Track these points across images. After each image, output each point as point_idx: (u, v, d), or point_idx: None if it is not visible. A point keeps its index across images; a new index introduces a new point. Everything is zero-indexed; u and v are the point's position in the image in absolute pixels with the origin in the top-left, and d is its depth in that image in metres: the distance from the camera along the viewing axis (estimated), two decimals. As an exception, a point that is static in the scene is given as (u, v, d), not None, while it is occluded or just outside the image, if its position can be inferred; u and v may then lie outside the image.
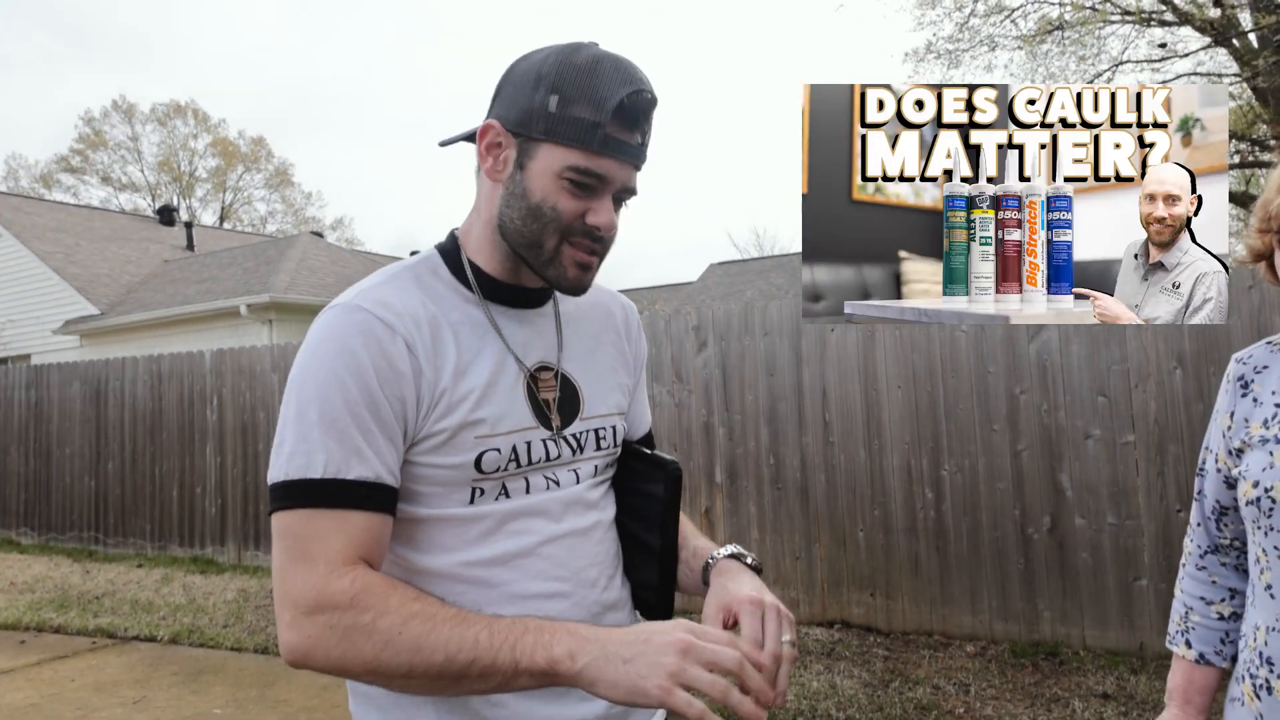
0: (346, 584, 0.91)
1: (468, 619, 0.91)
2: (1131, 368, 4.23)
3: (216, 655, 5.13)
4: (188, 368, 7.99)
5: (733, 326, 5.31)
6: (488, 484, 1.04)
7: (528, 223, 1.03)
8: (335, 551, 0.93)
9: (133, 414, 8.33)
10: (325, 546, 0.93)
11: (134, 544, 8.26)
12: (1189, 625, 1.39)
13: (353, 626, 0.90)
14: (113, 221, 22.09)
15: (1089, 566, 4.28)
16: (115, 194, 38.63)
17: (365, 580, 0.92)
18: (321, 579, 0.91)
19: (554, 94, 0.99)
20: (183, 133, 39.71)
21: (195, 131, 39.92)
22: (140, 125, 38.90)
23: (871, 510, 4.82)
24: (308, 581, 0.92)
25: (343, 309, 1.00)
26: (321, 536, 0.93)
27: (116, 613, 6.09)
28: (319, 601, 0.91)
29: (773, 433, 5.15)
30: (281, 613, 0.93)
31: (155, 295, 16.43)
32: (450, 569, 1.03)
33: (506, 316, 1.11)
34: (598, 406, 1.16)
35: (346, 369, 0.96)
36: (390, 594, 0.92)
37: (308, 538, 0.93)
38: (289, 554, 0.94)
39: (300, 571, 0.92)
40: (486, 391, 1.04)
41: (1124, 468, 4.22)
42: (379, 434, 0.97)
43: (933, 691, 3.91)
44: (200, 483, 7.83)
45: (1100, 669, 4.01)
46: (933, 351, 4.69)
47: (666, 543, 1.15)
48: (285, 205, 42.35)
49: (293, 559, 0.93)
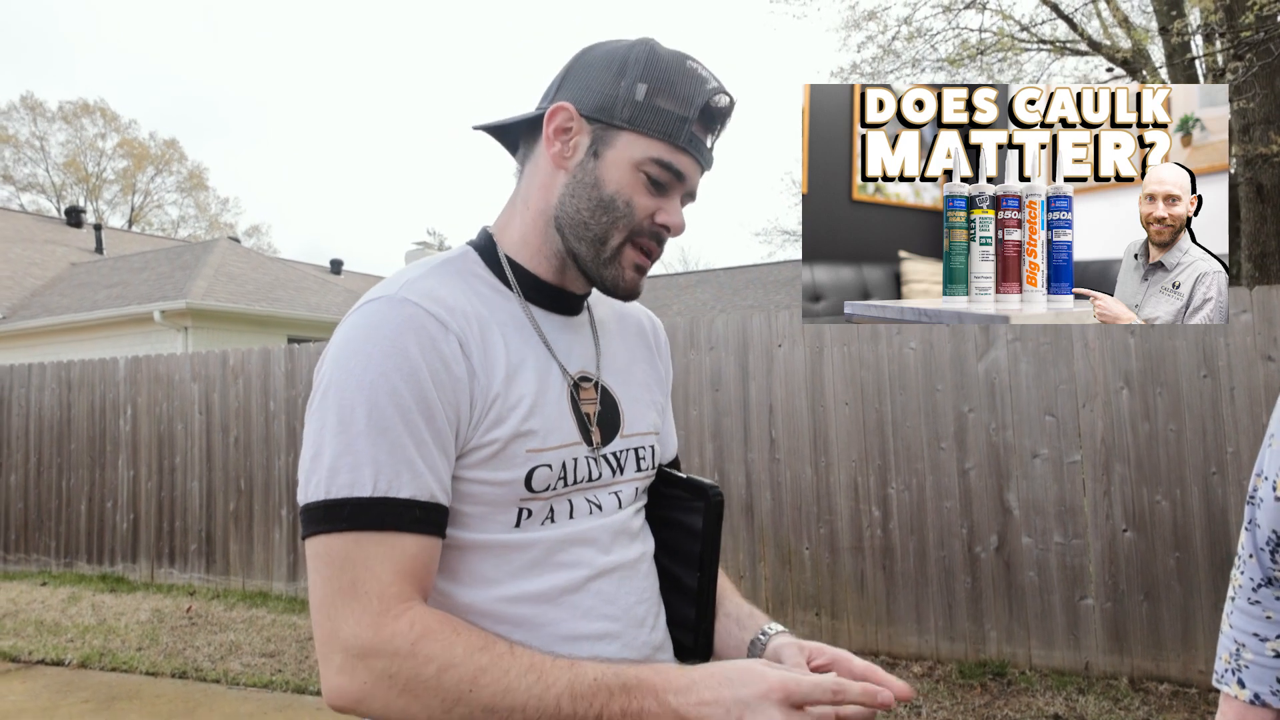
0: (405, 626, 0.81)
1: (545, 675, 0.80)
2: (1079, 387, 4.29)
3: (131, 680, 4.79)
4: (100, 375, 7.57)
5: (677, 340, 5.25)
6: (535, 505, 0.94)
7: (596, 215, 0.96)
8: (386, 584, 0.83)
9: (38, 424, 7.86)
10: (375, 577, 0.83)
11: (38, 560, 7.76)
12: (1241, 664, 1.30)
13: (414, 679, 0.80)
14: (15, 221, 21.07)
15: (1035, 585, 4.31)
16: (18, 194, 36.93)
17: (425, 623, 0.82)
18: (375, 618, 0.81)
19: (642, 83, 0.94)
20: (91, 133, 38.32)
21: (104, 132, 38.58)
22: (47, 124, 37.36)
23: (818, 528, 4.79)
24: (361, 620, 0.81)
25: (388, 302, 0.89)
26: (370, 565, 0.83)
27: (19, 635, 5.67)
28: (374, 646, 0.80)
29: (717, 448, 5.09)
30: (329, 654, 0.82)
31: (62, 300, 15.67)
32: (491, 606, 0.92)
33: (548, 320, 1.02)
34: (636, 424, 1.07)
35: (398, 370, 0.85)
36: (455, 642, 0.81)
37: (355, 566, 0.83)
38: (333, 585, 0.83)
39: (350, 608, 0.82)
40: (537, 400, 0.95)
41: (1071, 487, 4.28)
42: (433, 445, 0.87)
43: (882, 713, 3.87)
44: (111, 496, 7.40)
45: (1048, 689, 4.03)
46: (881, 368, 4.70)
47: (705, 580, 1.06)
48: (199, 210, 41.21)
49: (338, 591, 0.82)
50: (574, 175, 0.97)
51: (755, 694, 0.77)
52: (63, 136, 37.78)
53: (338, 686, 0.81)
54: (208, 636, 5.46)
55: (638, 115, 0.94)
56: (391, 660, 0.80)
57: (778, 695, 0.77)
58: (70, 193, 37.43)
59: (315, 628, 0.84)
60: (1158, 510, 4.10)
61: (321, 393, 0.87)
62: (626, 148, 0.95)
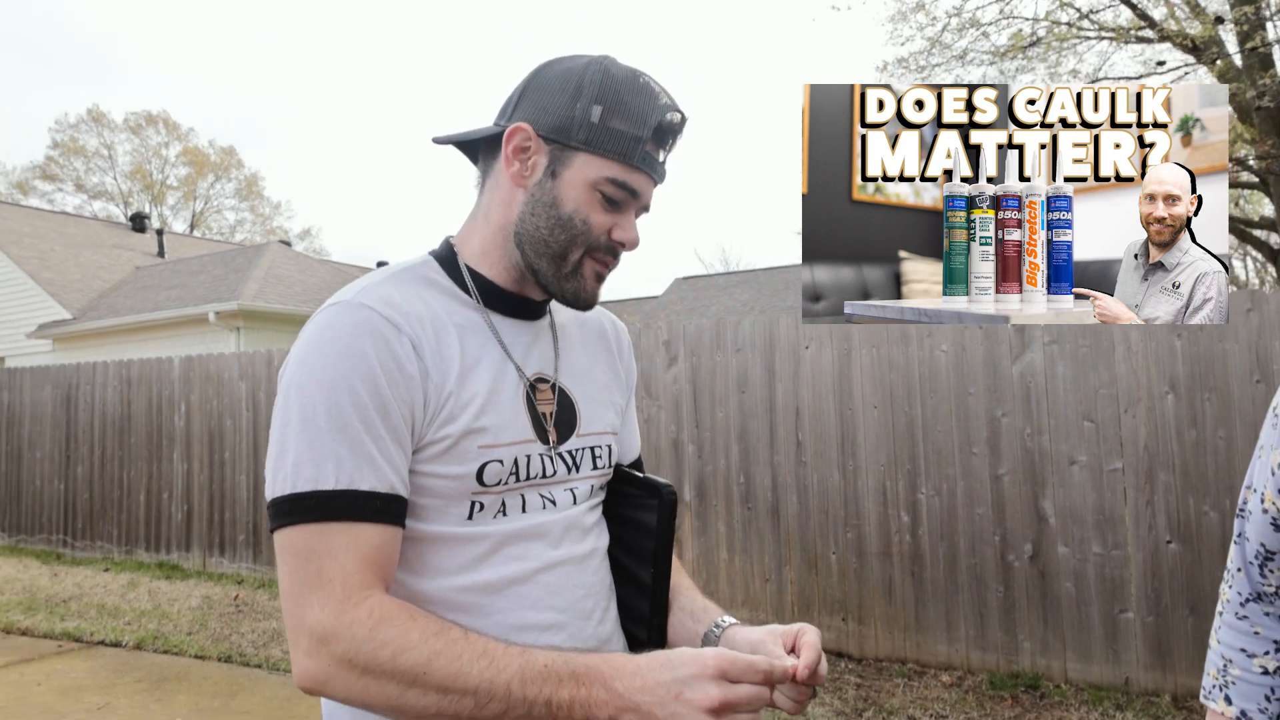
0: (364, 613, 0.85)
1: (496, 660, 0.84)
2: (1120, 391, 4.20)
3: (180, 663, 5.00)
4: (156, 374, 7.88)
5: (704, 342, 5.27)
6: (487, 499, 0.98)
7: (555, 233, 1.01)
8: (350, 572, 0.87)
9: (102, 419, 8.21)
10: (339, 565, 0.87)
11: (101, 547, 8.10)
12: (1228, 679, 1.28)
13: (372, 661, 0.84)
14: (86, 228, 21.96)
15: (1072, 596, 4.23)
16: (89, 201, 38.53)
17: (384, 609, 0.86)
18: (338, 605, 0.86)
19: (597, 104, 0.98)
20: (154, 142, 39.79)
21: (166, 140, 40.09)
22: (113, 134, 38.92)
23: (844, 532, 4.78)
24: (325, 607, 0.86)
25: (345, 306, 0.95)
26: (334, 554, 0.87)
27: (83, 616, 5.97)
28: (335, 630, 0.85)
29: (744, 451, 5.10)
30: (297, 639, 0.87)
31: (126, 301, 16.26)
32: (443, 594, 0.97)
33: (506, 325, 1.06)
34: (593, 424, 1.12)
35: (354, 370, 0.90)
36: (411, 627, 0.85)
37: (320, 556, 0.87)
38: (300, 575, 0.87)
39: (315, 595, 0.86)
40: (489, 399, 0.99)
41: (1111, 495, 4.19)
42: (390, 440, 0.92)
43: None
44: (167, 488, 7.68)
45: (1084, 704, 3.95)
46: (911, 371, 4.67)
47: (660, 574, 1.10)
48: (254, 214, 42.44)
49: (305, 580, 0.87)
50: (533, 194, 1.01)
51: (691, 673, 0.81)
52: (129, 146, 39.33)
53: (304, 669, 0.86)
54: (252, 624, 5.65)
55: (593, 137, 0.97)
56: (351, 644, 0.84)
57: (711, 671, 0.81)
58: (136, 199, 38.86)
59: (285, 615, 0.89)
60: (1205, 521, 3.99)
61: (284, 392, 0.92)
62: (583, 168, 0.99)
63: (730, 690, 0.80)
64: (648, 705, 0.81)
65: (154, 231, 23.25)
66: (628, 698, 0.82)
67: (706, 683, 0.80)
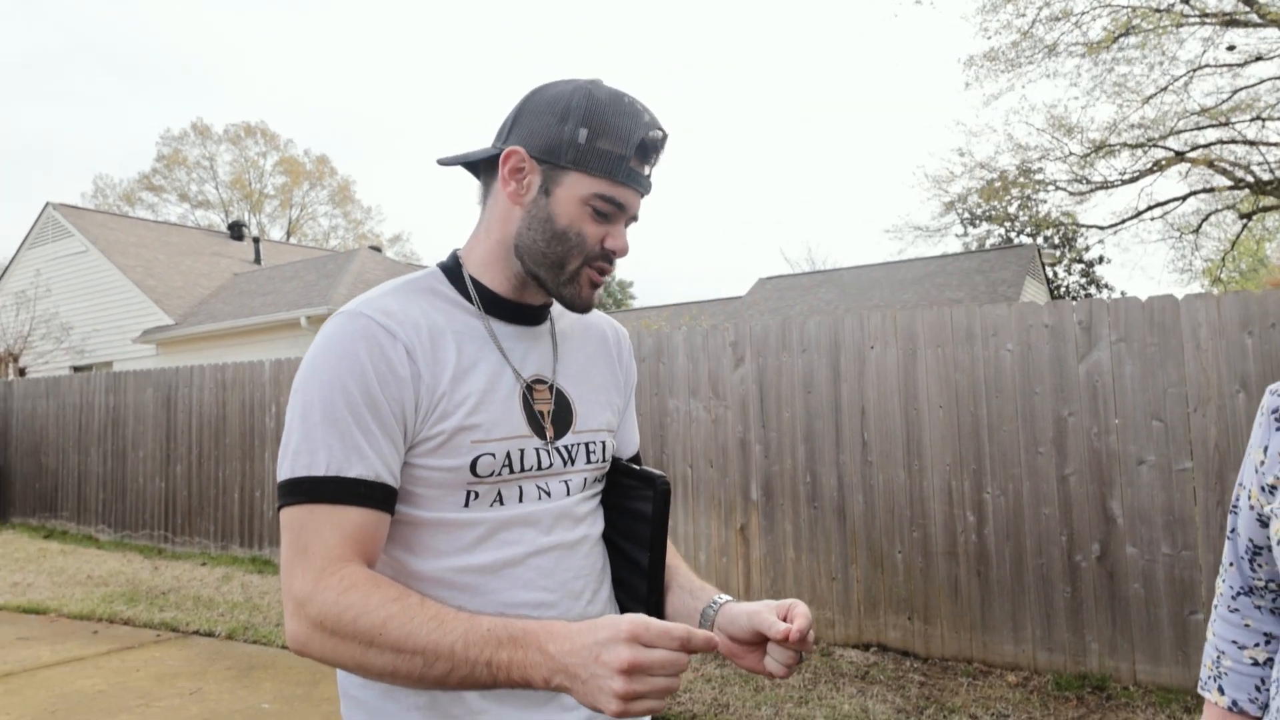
0: (335, 581, 0.96)
1: (445, 623, 0.93)
2: (1190, 391, 4.09)
3: (268, 652, 5.29)
4: (249, 376, 8.27)
5: (770, 342, 5.30)
6: (482, 488, 1.08)
7: (552, 245, 1.09)
8: (331, 547, 0.98)
9: (199, 419, 8.65)
10: (322, 541, 0.98)
11: (199, 543, 8.56)
12: (1221, 670, 1.32)
13: (338, 623, 0.94)
14: (188, 236, 22.98)
15: (1141, 598, 4.14)
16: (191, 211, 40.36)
17: (352, 578, 0.96)
18: (316, 574, 0.96)
19: (583, 127, 1.06)
20: (253, 152, 41.34)
21: (264, 150, 41.57)
22: (215, 145, 40.60)
23: (910, 532, 4.76)
24: (305, 576, 0.97)
25: (346, 316, 1.06)
26: (319, 531, 0.98)
27: (180, 608, 6.34)
28: (310, 596, 0.96)
29: (809, 450, 5.12)
30: (286, 604, 0.99)
31: (224, 307, 17.03)
32: (441, 574, 1.06)
33: (505, 330, 1.15)
34: (589, 421, 1.20)
35: (349, 371, 1.01)
36: (372, 593, 0.95)
37: (308, 532, 0.98)
38: (291, 548, 0.99)
39: (300, 566, 0.97)
40: (483, 398, 1.08)
41: (1180, 496, 4.08)
42: (379, 434, 1.02)
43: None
44: (259, 486, 8.07)
45: (1151, 705, 3.87)
46: (976, 371, 4.62)
47: (655, 558, 1.18)
48: (347, 220, 43.70)
49: (294, 553, 0.98)
50: (529, 211, 1.10)
51: (608, 635, 0.87)
52: (229, 157, 41.04)
53: (290, 631, 0.98)
54: (336, 618, 5.92)
55: (581, 157, 1.06)
56: (321, 608, 0.94)
57: (625, 635, 0.87)
58: (236, 208, 40.56)
59: (281, 583, 1.01)
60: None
61: (293, 391, 1.05)
62: (573, 186, 1.08)
63: (641, 653, 0.86)
64: (574, 667, 0.88)
65: (251, 239, 24.21)
66: (559, 660, 0.89)
67: (619, 645, 0.86)
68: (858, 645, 4.87)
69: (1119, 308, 4.28)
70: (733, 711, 4.03)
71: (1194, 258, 22.72)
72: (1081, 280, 29.95)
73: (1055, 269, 29.10)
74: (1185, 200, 19.43)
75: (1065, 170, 18.83)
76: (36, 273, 19.56)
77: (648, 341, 5.76)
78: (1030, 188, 19.61)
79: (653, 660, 0.86)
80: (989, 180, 19.47)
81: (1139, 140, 17.36)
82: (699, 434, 5.51)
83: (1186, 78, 14.99)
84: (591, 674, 0.87)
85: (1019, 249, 19.76)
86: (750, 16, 68.33)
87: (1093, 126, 20.43)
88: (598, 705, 0.87)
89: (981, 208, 27.01)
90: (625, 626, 0.87)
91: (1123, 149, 17.66)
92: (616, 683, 0.85)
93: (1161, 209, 19.56)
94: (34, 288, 19.01)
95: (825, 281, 20.39)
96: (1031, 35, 15.13)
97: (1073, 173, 18.76)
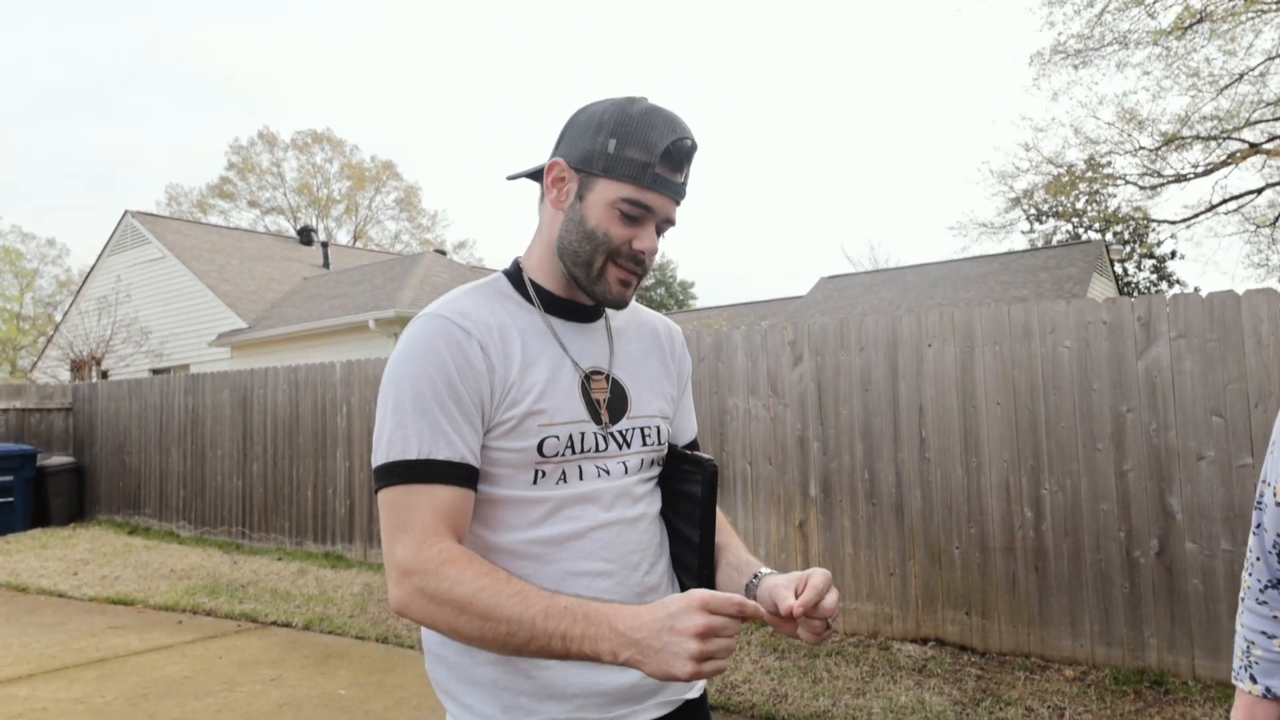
0: (435, 553, 1.09)
1: (529, 599, 1.05)
2: (1250, 386, 4.06)
3: (342, 642, 5.53)
4: (320, 377, 8.56)
5: (828, 341, 5.37)
6: (549, 467, 1.21)
7: (582, 244, 1.23)
8: (426, 521, 1.11)
9: (274, 420, 8.98)
10: (419, 517, 1.11)
11: (275, 539, 8.91)
12: (1251, 660, 1.39)
13: (436, 591, 1.07)
14: (259, 242, 23.63)
15: (1200, 593, 4.12)
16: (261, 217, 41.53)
17: (450, 552, 1.10)
18: (416, 546, 1.10)
19: (613, 138, 1.19)
20: (319, 159, 42.36)
21: (330, 157, 42.53)
22: (282, 152, 41.72)
23: (968, 528, 4.79)
24: (407, 547, 1.10)
25: (428, 318, 1.20)
26: (415, 508, 1.12)
27: (258, 600, 6.64)
28: (413, 565, 1.09)
29: (867, 448, 5.17)
30: (390, 573, 1.13)
31: (295, 310, 17.55)
32: (513, 545, 1.20)
33: (564, 327, 1.29)
34: (643, 408, 1.33)
35: (433, 366, 1.15)
36: (466, 568, 1.08)
37: (405, 509, 1.12)
38: (392, 524, 1.13)
39: (400, 538, 1.11)
40: (547, 387, 1.22)
41: (1240, 492, 4.06)
42: (462, 420, 1.15)
43: (1025, 713, 3.87)
44: (331, 484, 8.37)
45: (1209, 700, 3.86)
46: (1034, 368, 4.63)
47: (705, 535, 1.30)
48: (412, 225, 44.49)
49: (395, 528, 1.12)
50: (567, 214, 1.24)
51: (681, 607, 1.00)
52: (295, 163, 42.18)
53: (394, 596, 1.12)
54: (406, 609, 6.15)
55: (610, 164, 1.18)
56: (423, 577, 1.08)
57: (697, 604, 1.00)
58: (304, 214, 41.63)
59: (384, 556, 1.16)
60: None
61: (383, 386, 1.19)
62: (603, 191, 1.20)
63: (711, 619, 0.99)
64: (646, 639, 1.00)
65: (319, 244, 24.80)
66: (627, 635, 1.01)
67: (693, 612, 0.99)
68: (915, 639, 4.92)
69: (1178, 304, 4.27)
70: (791, 702, 4.13)
71: (1270, 252, 21.95)
72: (1152, 276, 29.13)
73: (1125, 265, 28.35)
74: (1261, 193, 18.83)
75: (1135, 164, 18.40)
76: (117, 279, 20.35)
77: (707, 340, 5.87)
78: (1099, 182, 19.20)
79: (720, 625, 0.99)
80: (1055, 175, 19.11)
81: (1212, 132, 16.88)
82: (758, 431, 5.60)
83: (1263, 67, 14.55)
84: (665, 643, 0.99)
85: (1086, 245, 19.36)
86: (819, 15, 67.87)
87: (1164, 119, 19.89)
88: (670, 671, 0.99)
89: (1048, 203, 26.47)
90: (696, 597, 1.00)
91: (1195, 141, 17.20)
92: (692, 644, 0.98)
93: (1236, 202, 18.99)
94: (115, 293, 19.75)
95: (887, 280, 20.19)
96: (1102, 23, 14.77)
97: (1144, 166, 18.32)
